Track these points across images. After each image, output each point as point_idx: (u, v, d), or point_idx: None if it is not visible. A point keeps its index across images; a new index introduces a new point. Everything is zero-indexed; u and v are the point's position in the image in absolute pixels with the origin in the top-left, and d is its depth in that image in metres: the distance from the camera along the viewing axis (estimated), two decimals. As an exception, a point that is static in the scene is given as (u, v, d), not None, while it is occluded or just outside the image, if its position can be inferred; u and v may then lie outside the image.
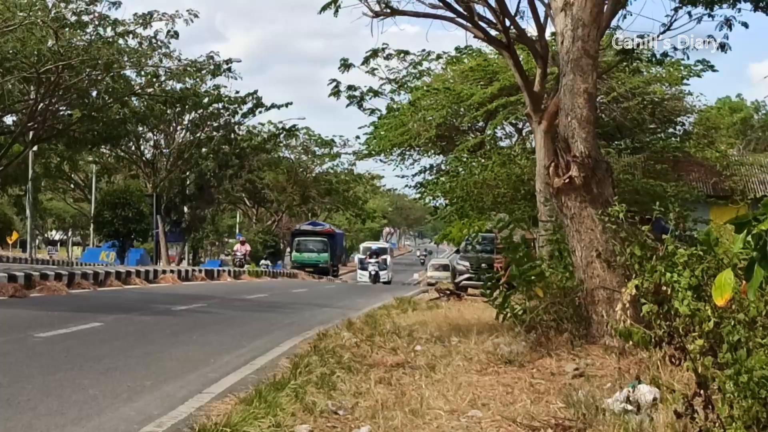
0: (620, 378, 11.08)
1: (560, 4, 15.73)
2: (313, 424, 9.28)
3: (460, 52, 45.66)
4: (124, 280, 32.27)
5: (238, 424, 8.75)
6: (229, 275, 46.34)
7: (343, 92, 46.62)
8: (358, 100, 48.43)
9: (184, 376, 12.60)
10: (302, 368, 12.57)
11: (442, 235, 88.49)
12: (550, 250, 18.56)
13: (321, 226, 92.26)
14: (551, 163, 15.47)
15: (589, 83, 15.18)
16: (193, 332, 18.44)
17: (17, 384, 11.11)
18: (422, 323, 20.32)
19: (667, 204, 12.82)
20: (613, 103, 37.88)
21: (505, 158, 35.74)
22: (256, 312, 24.85)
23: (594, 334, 14.49)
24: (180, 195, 77.77)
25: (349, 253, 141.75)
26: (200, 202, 79.46)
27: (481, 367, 13.14)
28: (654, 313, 8.15)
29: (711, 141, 42.53)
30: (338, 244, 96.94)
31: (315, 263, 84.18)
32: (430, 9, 22.70)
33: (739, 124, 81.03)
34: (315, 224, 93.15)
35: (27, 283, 24.97)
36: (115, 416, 9.70)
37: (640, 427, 8.53)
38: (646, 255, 8.97)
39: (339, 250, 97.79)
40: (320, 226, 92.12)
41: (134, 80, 58.23)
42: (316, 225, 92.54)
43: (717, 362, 7.32)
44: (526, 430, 8.99)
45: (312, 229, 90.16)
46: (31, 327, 16.70)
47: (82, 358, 13.75)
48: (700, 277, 7.92)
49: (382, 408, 9.90)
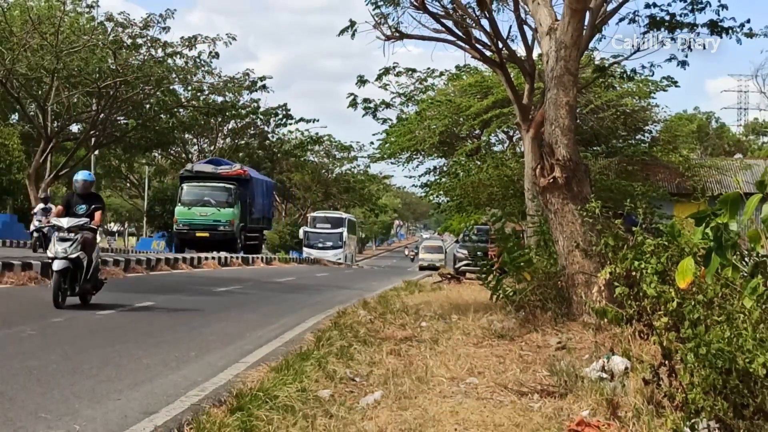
0: (596, 350, 11.07)
1: (545, 29, 15.72)
2: (333, 389, 9.27)
3: (460, 70, 45.69)
4: (172, 265, 32.25)
5: (270, 389, 8.75)
6: (261, 261, 46.25)
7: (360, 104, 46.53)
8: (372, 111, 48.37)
9: (223, 348, 12.60)
10: (324, 341, 12.57)
11: (444, 227, 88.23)
12: (536, 240, 18.55)
13: (227, 166, 53.33)
14: (537, 165, 15.46)
15: (570, 97, 15.15)
16: (231, 310, 18.43)
17: (81, 355, 11.13)
18: (427, 303, 20.31)
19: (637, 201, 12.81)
20: (591, 113, 37.77)
21: (498, 161, 35.83)
22: (285, 293, 24.84)
23: (574, 312, 14.49)
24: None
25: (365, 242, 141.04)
26: (237, 199, 79.31)
27: (477, 341, 13.13)
28: (625, 295, 8.13)
29: (675, 147, 42.39)
30: (260, 197, 56.02)
31: (210, 226, 48.64)
32: (433, 33, 22.70)
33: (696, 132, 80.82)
34: (218, 162, 54.96)
35: (90, 267, 24.98)
36: (165, 382, 9.71)
37: (613, 392, 8.51)
38: (619, 245, 8.93)
39: (261, 207, 56.55)
40: (226, 165, 53.36)
41: (181, 94, 58.56)
42: (219, 163, 54.08)
43: (680, 337, 7.30)
44: (516, 394, 8.98)
45: (211, 171, 51.46)
46: (93, 305, 16.70)
47: (136, 332, 13.77)
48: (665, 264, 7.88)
49: (393, 375, 9.90)
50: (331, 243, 72.40)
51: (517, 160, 33.63)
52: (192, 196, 49.96)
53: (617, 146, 40.07)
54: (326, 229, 74.03)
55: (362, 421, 7.81)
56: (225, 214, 48.93)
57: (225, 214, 48.93)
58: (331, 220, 75.82)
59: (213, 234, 48.30)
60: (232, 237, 48.69)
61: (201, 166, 53.11)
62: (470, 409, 8.13)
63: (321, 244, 72.06)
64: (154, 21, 50.64)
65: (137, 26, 50.86)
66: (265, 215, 58.45)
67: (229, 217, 48.91)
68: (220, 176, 50.81)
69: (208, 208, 49.16)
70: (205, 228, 48.51)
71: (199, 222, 48.78)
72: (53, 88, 49.85)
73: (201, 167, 52.56)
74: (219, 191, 49.81)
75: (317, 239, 72.70)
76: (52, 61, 47.37)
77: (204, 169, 51.82)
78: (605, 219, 10.68)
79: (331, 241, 72.60)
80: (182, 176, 53.23)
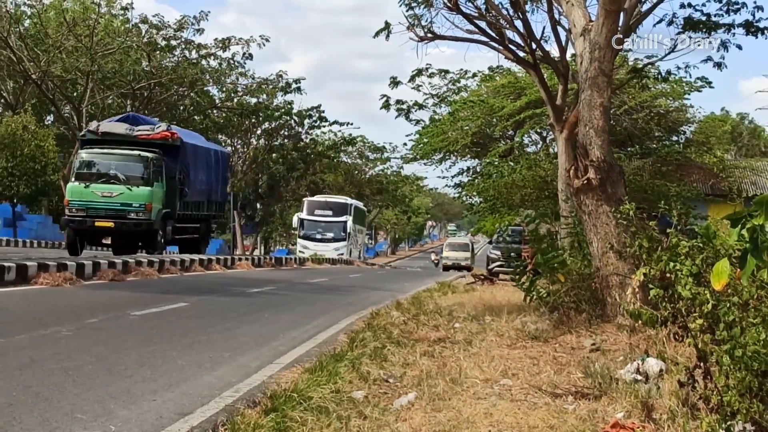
0: (631, 352, 11.03)
1: (579, 30, 15.68)
2: (367, 390, 9.28)
3: (493, 71, 45.81)
4: (206, 266, 32.35)
5: (304, 390, 8.77)
6: (294, 262, 46.38)
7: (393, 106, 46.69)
8: (405, 112, 48.54)
9: (257, 349, 12.63)
10: (358, 342, 12.60)
11: (477, 228, 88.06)
12: (570, 241, 18.52)
13: (148, 126, 36.61)
14: (571, 166, 15.41)
15: (605, 98, 15.10)
16: (265, 311, 18.46)
17: (116, 355, 11.19)
18: (460, 304, 20.28)
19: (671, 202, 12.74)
20: (625, 114, 37.72)
21: (531, 162, 35.77)
22: (318, 294, 24.85)
23: (608, 314, 14.43)
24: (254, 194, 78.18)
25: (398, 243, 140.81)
26: (271, 199, 79.87)
27: (511, 342, 13.11)
28: (660, 297, 8.10)
29: (709, 147, 42.31)
30: (201, 171, 39.30)
31: (116, 212, 33.17)
32: (466, 34, 22.70)
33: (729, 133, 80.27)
34: (136, 120, 37.61)
35: (124, 269, 25.09)
36: (199, 383, 9.74)
37: (648, 394, 8.49)
38: (653, 246, 8.89)
39: (205, 186, 39.98)
40: (146, 125, 36.64)
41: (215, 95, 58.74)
42: (137, 121, 37.16)
43: (715, 339, 7.27)
44: (550, 396, 8.97)
45: (123, 132, 35.31)
46: (127, 306, 16.79)
47: (170, 333, 13.82)
48: (700, 266, 7.85)
49: (427, 377, 9.89)
50: (332, 234, 62.39)
51: (550, 161, 33.57)
52: (92, 168, 33.80)
53: (651, 147, 39.98)
54: (326, 217, 63.18)
55: (396, 422, 7.82)
56: (138, 195, 33.04)
57: (138, 194, 33.03)
58: (332, 206, 63.88)
59: (120, 224, 32.92)
60: (148, 228, 33.36)
61: (110, 124, 36.47)
62: (504, 411, 8.13)
63: (319, 235, 62.35)
64: (188, 23, 50.92)
65: (171, 28, 51.18)
66: (213, 198, 41.56)
67: (144, 200, 33.10)
68: (136, 140, 34.68)
69: (115, 185, 33.18)
70: (108, 215, 32.99)
71: (101, 206, 32.99)
72: (88, 90, 50.16)
73: (109, 126, 35.87)
74: (132, 161, 33.68)
75: (315, 229, 62.63)
76: (87, 63, 47.73)
77: (113, 130, 35.32)
78: (639, 220, 10.64)
79: (331, 231, 62.52)
80: (82, 139, 36.41)
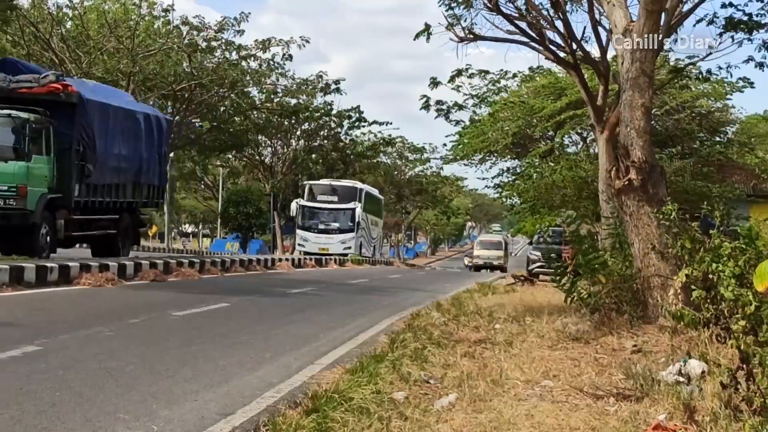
0: (673, 354, 10.98)
1: (621, 30, 15.62)
2: (408, 391, 9.28)
3: (533, 72, 45.65)
4: (246, 266, 32.46)
5: (345, 390, 8.78)
6: (334, 263, 46.42)
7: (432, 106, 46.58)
8: (445, 113, 48.44)
9: (298, 349, 12.66)
10: (398, 343, 12.59)
11: (516, 229, 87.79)
12: (611, 242, 18.42)
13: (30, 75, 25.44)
14: (612, 167, 15.36)
15: (646, 98, 15.04)
16: (306, 312, 18.51)
17: (158, 355, 11.25)
18: (500, 305, 20.24)
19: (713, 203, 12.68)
20: (666, 115, 37.46)
21: (572, 163, 35.65)
22: (358, 294, 24.88)
23: (650, 315, 14.38)
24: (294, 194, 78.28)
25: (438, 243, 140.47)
26: (310, 200, 79.82)
27: (551, 344, 13.07)
28: (702, 298, 8.08)
29: (751, 148, 41.97)
30: (116, 141, 27.79)
31: None
32: (507, 35, 22.63)
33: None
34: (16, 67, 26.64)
35: (165, 269, 25.21)
36: (241, 383, 9.78)
37: (690, 396, 8.46)
38: (695, 247, 8.86)
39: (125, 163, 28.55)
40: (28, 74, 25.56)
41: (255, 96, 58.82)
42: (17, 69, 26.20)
43: (758, 340, 7.24)
44: (592, 398, 8.95)
45: None
46: (169, 307, 16.87)
47: (212, 333, 13.88)
48: (742, 267, 7.82)
49: (467, 378, 9.89)
50: (338, 225, 54.96)
51: (591, 162, 33.43)
52: None
53: (692, 148, 39.71)
54: (331, 204, 55.55)
55: (437, 423, 7.82)
56: (5, 174, 23.33)
57: (5, 173, 23.34)
58: (338, 191, 55.97)
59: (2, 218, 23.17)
60: (22, 222, 23.54)
61: None
62: (545, 413, 8.11)
63: (323, 225, 55.02)
64: (228, 24, 51.03)
65: (212, 29, 51.30)
66: (142, 180, 30.54)
67: (14, 180, 23.41)
68: (13, 95, 24.93)
69: None
70: None
71: None
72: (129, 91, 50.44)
73: None
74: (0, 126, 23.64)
75: (317, 218, 55.25)
76: (128, 65, 47.93)
77: None
78: (681, 221, 10.60)
79: (337, 221, 54.94)
80: None
